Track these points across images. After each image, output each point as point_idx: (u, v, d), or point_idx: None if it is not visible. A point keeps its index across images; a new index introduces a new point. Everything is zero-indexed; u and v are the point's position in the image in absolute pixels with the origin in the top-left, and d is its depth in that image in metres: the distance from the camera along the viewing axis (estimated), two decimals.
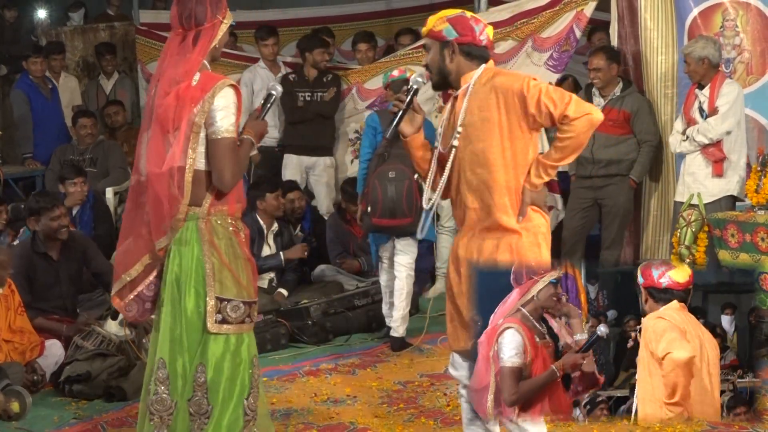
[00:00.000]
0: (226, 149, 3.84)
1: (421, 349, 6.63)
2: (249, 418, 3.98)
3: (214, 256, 3.90)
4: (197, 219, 3.91)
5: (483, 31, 4.14)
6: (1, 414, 5.40)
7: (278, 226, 7.65)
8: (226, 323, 3.92)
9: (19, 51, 10.67)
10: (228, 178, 3.86)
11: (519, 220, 3.98)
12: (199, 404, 3.94)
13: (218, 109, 3.82)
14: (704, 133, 6.66)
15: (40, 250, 6.45)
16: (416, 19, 11.18)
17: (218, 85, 3.82)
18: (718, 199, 6.71)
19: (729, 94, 6.69)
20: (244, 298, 3.97)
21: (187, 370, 3.94)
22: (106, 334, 6.12)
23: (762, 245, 6.14)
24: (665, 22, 7.37)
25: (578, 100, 3.94)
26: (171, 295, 3.95)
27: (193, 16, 3.89)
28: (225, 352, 3.93)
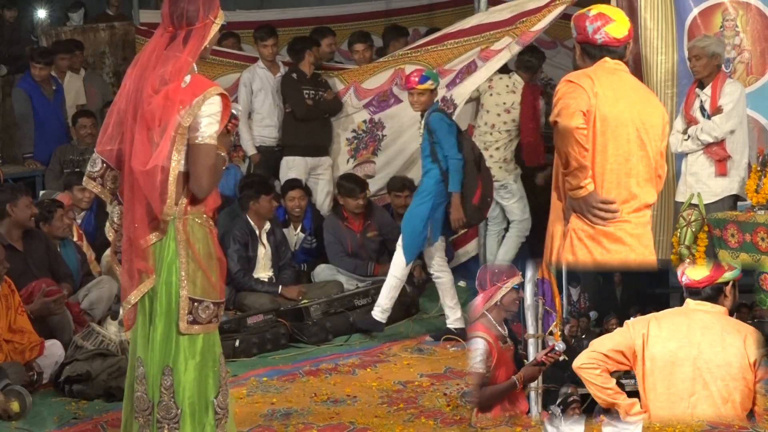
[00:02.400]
0: (205, 155, 3.83)
1: (421, 349, 6.63)
2: (220, 416, 3.98)
3: (189, 256, 3.90)
4: (174, 218, 3.89)
5: (600, 29, 4.09)
6: (1, 414, 5.40)
7: (270, 225, 7.65)
8: (196, 324, 3.91)
9: (19, 51, 10.66)
10: (205, 183, 3.86)
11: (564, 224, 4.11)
12: (167, 408, 3.92)
13: (205, 115, 3.81)
14: (708, 131, 6.65)
15: (4, 242, 6.46)
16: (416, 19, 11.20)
17: (209, 92, 3.81)
18: (721, 198, 6.71)
19: (732, 93, 6.69)
20: (215, 299, 3.97)
21: (155, 374, 3.92)
22: (106, 335, 6.12)
23: (762, 245, 6.15)
24: (665, 22, 7.36)
25: (560, 107, 3.98)
26: (146, 295, 3.95)
27: (184, 16, 3.86)
28: (194, 353, 3.92)
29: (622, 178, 4.07)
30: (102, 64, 10.77)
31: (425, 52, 8.31)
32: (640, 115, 4.12)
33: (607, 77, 4.09)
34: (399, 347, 6.69)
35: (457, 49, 8.15)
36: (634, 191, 4.11)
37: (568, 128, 3.93)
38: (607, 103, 4.00)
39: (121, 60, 10.77)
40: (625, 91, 4.13)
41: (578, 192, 4.01)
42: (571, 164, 3.98)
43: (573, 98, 3.98)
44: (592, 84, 4.02)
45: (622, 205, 4.07)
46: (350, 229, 8.02)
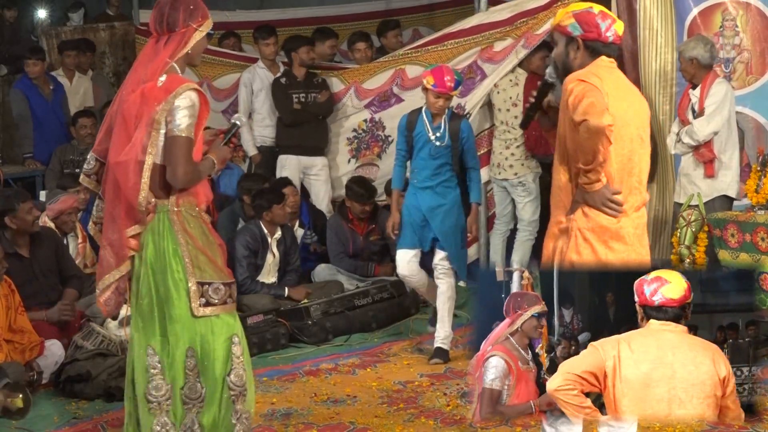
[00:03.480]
0: (180, 147, 3.97)
1: (421, 349, 6.63)
2: (236, 393, 4.11)
3: (189, 243, 4.05)
4: (167, 210, 4.06)
5: (610, 27, 4.13)
6: (4, 410, 5.39)
7: (281, 233, 7.60)
8: (209, 305, 4.08)
9: (19, 51, 10.66)
10: (180, 174, 3.99)
11: (567, 215, 4.12)
12: (192, 389, 4.07)
13: (179, 108, 3.97)
14: (690, 135, 6.67)
15: (9, 250, 6.43)
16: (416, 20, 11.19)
17: (181, 87, 3.98)
18: (711, 199, 6.72)
19: (716, 94, 6.69)
20: (224, 280, 4.13)
21: (176, 357, 4.06)
22: (106, 334, 6.12)
23: (762, 245, 6.15)
24: (665, 22, 7.37)
25: (586, 105, 3.97)
26: (150, 286, 4.09)
27: (165, 21, 4.06)
28: (210, 334, 4.08)
29: (624, 177, 4.10)
30: (102, 64, 10.78)
31: (425, 52, 8.32)
32: (638, 113, 4.17)
33: (609, 76, 4.12)
34: (399, 347, 6.69)
35: (457, 49, 8.16)
36: (635, 189, 4.15)
37: (600, 126, 3.94)
38: (614, 103, 4.03)
39: (121, 60, 10.77)
40: (624, 89, 4.18)
41: (595, 185, 4.05)
42: (597, 160, 4.00)
43: (595, 96, 3.99)
44: (602, 83, 4.04)
45: (625, 203, 4.11)
46: (354, 231, 8.01)
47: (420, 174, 6.44)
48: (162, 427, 4.06)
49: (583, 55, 4.16)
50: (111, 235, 4.13)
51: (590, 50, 4.15)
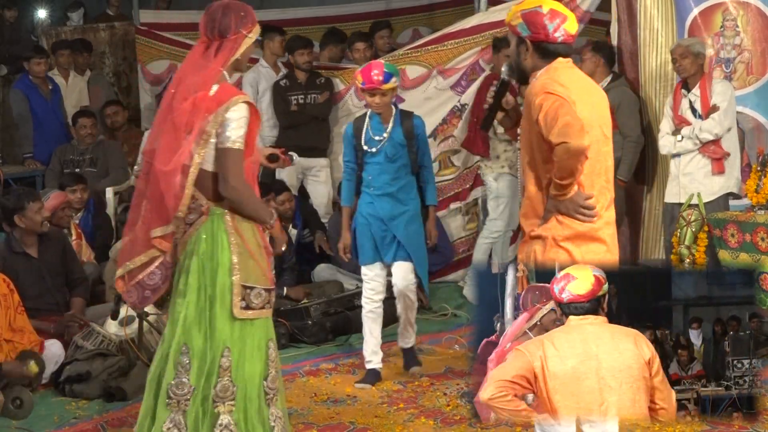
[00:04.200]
0: (231, 158, 4.04)
1: (421, 349, 6.62)
2: (270, 396, 4.22)
3: (240, 246, 4.13)
4: (222, 213, 4.12)
5: (559, 27, 3.98)
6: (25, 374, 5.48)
7: None
8: (250, 309, 4.14)
9: (19, 51, 10.66)
10: (231, 185, 4.05)
11: (540, 224, 4.04)
12: (225, 387, 4.12)
13: (230, 120, 4.03)
14: (709, 130, 6.65)
15: (18, 250, 6.43)
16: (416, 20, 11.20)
17: (233, 100, 4.03)
18: (718, 197, 6.71)
19: (725, 92, 6.71)
20: (266, 285, 4.22)
21: (212, 356, 4.11)
22: (106, 334, 6.12)
23: (762, 245, 6.15)
24: (665, 22, 7.37)
25: (562, 126, 3.86)
26: (196, 284, 4.14)
27: (217, 28, 4.09)
28: (247, 337, 4.14)
29: (594, 179, 4.04)
30: (102, 64, 10.78)
31: (425, 52, 8.33)
32: (598, 111, 4.07)
33: (571, 80, 4.01)
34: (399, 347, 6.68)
35: (457, 49, 8.17)
36: (604, 188, 4.09)
37: (581, 148, 3.87)
38: (581, 109, 3.94)
39: (121, 60, 10.78)
40: (584, 90, 4.06)
41: (568, 195, 3.98)
42: (573, 176, 3.94)
43: (569, 114, 3.89)
44: (568, 92, 3.94)
45: (596, 204, 4.04)
46: None
47: (377, 180, 5.93)
48: (174, 425, 4.10)
49: (534, 56, 4.05)
50: (135, 227, 4.18)
51: (540, 51, 4.03)
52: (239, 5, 4.13)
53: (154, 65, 9.69)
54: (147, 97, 9.83)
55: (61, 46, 10.10)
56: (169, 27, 10.08)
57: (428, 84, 8.28)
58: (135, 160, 9.26)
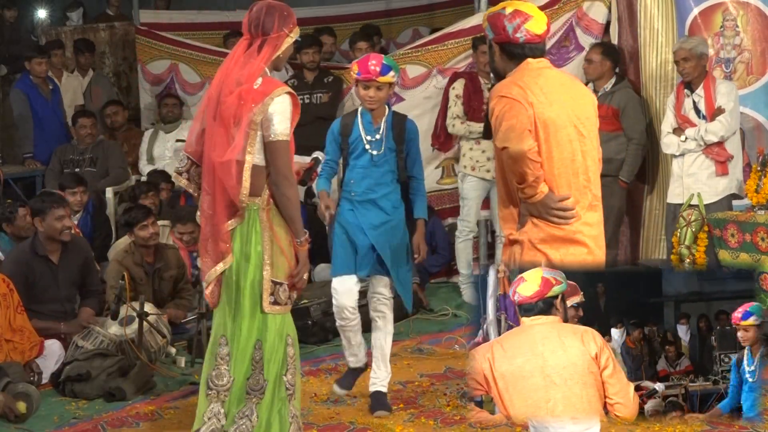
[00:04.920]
0: (280, 150, 4.20)
1: (421, 349, 6.62)
2: (291, 392, 4.33)
3: (273, 242, 4.25)
4: (258, 208, 4.24)
5: (520, 27, 3.97)
6: (7, 414, 5.39)
7: None
8: (277, 304, 4.28)
9: (19, 51, 10.66)
10: (283, 173, 4.21)
11: (517, 228, 4.04)
12: (256, 380, 4.27)
13: (275, 113, 4.17)
14: (715, 132, 6.64)
15: (41, 252, 6.43)
16: (416, 19, 11.19)
17: (277, 91, 4.18)
18: (721, 198, 6.71)
19: (730, 93, 6.71)
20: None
21: (246, 349, 4.26)
22: (106, 334, 6.12)
23: (762, 245, 6.14)
24: (666, 22, 7.37)
25: (504, 131, 3.89)
26: (231, 278, 4.27)
27: (261, 26, 4.25)
28: (274, 331, 4.27)
29: (571, 179, 4.01)
30: (102, 64, 10.77)
31: (425, 51, 8.33)
32: (574, 110, 4.04)
33: (535, 81, 3.99)
34: (399, 347, 6.67)
35: (457, 49, 8.17)
36: (584, 188, 4.05)
37: (520, 152, 3.88)
38: (543, 109, 3.92)
39: (121, 60, 10.77)
40: (554, 90, 4.02)
41: (535, 198, 3.96)
42: (527, 179, 3.93)
43: (515, 117, 3.89)
44: (525, 94, 3.93)
45: (576, 205, 4.01)
46: None
47: (359, 185, 5.35)
48: (214, 415, 4.27)
49: (502, 58, 4.06)
50: (207, 229, 4.30)
51: (507, 53, 4.03)
52: (282, 6, 4.29)
53: (154, 65, 9.69)
54: (147, 97, 9.82)
55: (55, 46, 10.10)
56: (169, 27, 10.08)
57: (428, 83, 8.28)
58: (135, 160, 9.28)
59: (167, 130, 9.15)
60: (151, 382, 5.93)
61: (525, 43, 4.00)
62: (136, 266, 6.80)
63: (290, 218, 4.26)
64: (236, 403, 4.27)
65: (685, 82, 6.82)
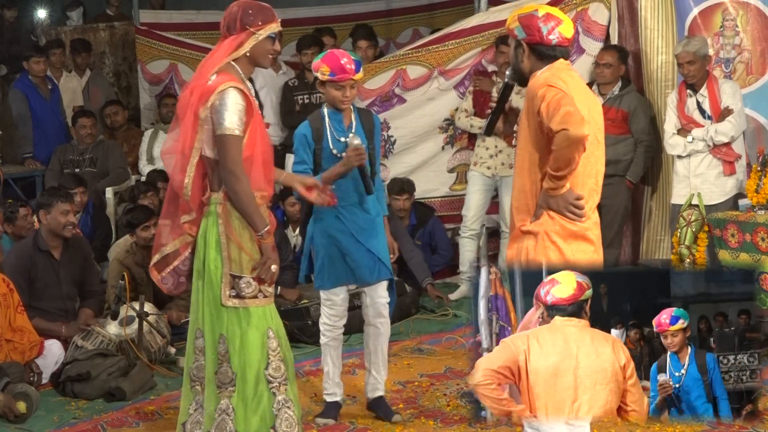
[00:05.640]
0: (226, 144, 4.16)
1: (421, 349, 6.63)
2: (275, 384, 4.30)
3: (230, 237, 4.24)
4: (217, 203, 4.25)
5: (553, 29, 4.09)
6: (6, 414, 5.39)
7: None
8: (239, 298, 4.26)
9: (19, 51, 10.67)
10: (228, 168, 4.17)
11: (532, 221, 4.11)
12: (225, 373, 4.28)
13: (222, 107, 4.15)
14: (725, 133, 6.66)
15: (43, 247, 6.44)
16: (416, 19, 11.19)
17: (223, 85, 4.16)
18: (728, 198, 6.74)
19: (735, 93, 6.75)
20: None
21: (210, 342, 4.29)
22: (106, 334, 6.12)
23: (762, 245, 6.15)
24: (665, 22, 7.37)
25: (564, 114, 3.93)
26: (198, 271, 4.33)
27: (225, 26, 4.29)
28: (238, 324, 4.25)
29: (585, 179, 4.12)
30: (102, 64, 10.78)
31: (426, 52, 8.32)
32: (593, 114, 4.16)
33: (570, 80, 4.11)
34: (399, 347, 6.68)
35: (458, 50, 8.16)
36: (593, 191, 4.18)
37: (580, 136, 3.94)
38: (579, 106, 4.02)
39: (121, 60, 10.77)
40: (582, 91, 4.16)
41: (561, 190, 4.06)
42: (570, 167, 4.01)
43: (571, 105, 3.97)
44: (568, 88, 4.03)
45: (585, 205, 4.13)
46: None
47: (343, 190, 5.07)
48: (199, 406, 4.34)
49: (531, 58, 4.15)
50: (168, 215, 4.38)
51: (537, 54, 4.13)
52: (251, 4, 4.26)
53: (154, 65, 9.69)
54: (147, 96, 9.83)
55: (53, 46, 10.10)
56: (169, 27, 10.09)
57: (430, 84, 8.27)
58: (135, 160, 9.28)
59: (167, 130, 9.13)
60: (151, 382, 5.93)
61: (557, 45, 4.12)
62: (137, 266, 6.80)
63: (243, 212, 4.22)
64: (212, 399, 4.27)
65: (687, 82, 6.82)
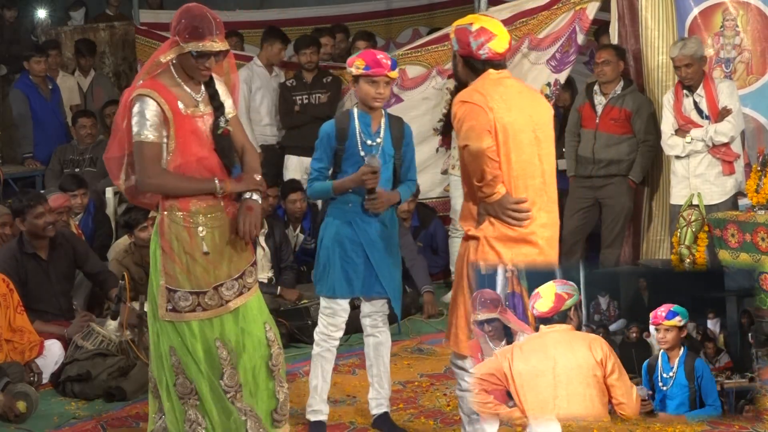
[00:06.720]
0: (139, 151, 4.16)
1: (421, 349, 6.63)
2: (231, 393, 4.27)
3: (165, 251, 4.23)
4: (158, 214, 4.29)
5: (484, 45, 4.15)
6: (6, 413, 5.39)
7: (268, 226, 7.57)
8: (176, 312, 4.24)
9: (19, 51, 10.67)
10: (140, 178, 4.20)
11: (475, 227, 4.19)
12: (183, 384, 4.27)
13: (133, 115, 4.16)
14: (724, 133, 6.66)
15: (28, 250, 6.43)
16: (416, 19, 11.20)
17: (134, 92, 4.19)
18: (729, 197, 6.74)
19: (732, 93, 6.75)
20: (192, 289, 4.24)
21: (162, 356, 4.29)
22: (106, 334, 6.12)
23: (762, 245, 6.15)
24: (665, 22, 7.37)
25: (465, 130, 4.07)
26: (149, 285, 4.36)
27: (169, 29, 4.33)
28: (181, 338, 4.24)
29: (528, 181, 4.16)
30: (102, 64, 10.79)
31: (425, 52, 8.33)
32: (532, 116, 4.19)
33: (495, 89, 4.15)
34: (399, 347, 6.67)
35: None
36: (540, 190, 4.20)
37: (480, 150, 4.04)
38: (503, 114, 4.09)
39: (121, 60, 10.78)
40: (513, 98, 4.19)
41: (493, 197, 4.12)
42: (486, 177, 4.10)
43: (475, 119, 4.06)
44: (485, 100, 4.09)
45: (532, 206, 4.17)
46: None
47: (357, 195, 4.93)
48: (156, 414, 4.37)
49: (464, 69, 4.23)
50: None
51: (469, 66, 4.20)
52: (195, 14, 4.20)
53: None
54: None
55: (51, 46, 10.11)
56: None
57: (427, 84, 8.28)
58: None
59: None
60: None
61: (487, 60, 4.18)
62: (136, 266, 6.80)
63: (183, 193, 4.19)
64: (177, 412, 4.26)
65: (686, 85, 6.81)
